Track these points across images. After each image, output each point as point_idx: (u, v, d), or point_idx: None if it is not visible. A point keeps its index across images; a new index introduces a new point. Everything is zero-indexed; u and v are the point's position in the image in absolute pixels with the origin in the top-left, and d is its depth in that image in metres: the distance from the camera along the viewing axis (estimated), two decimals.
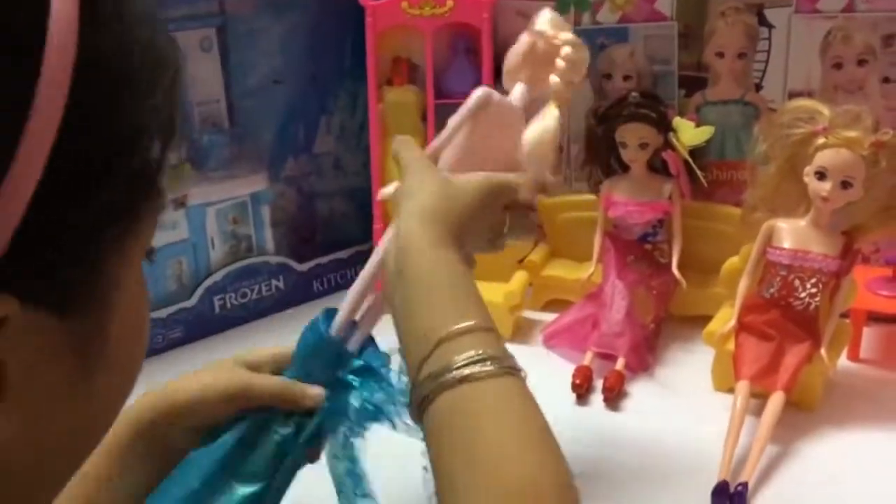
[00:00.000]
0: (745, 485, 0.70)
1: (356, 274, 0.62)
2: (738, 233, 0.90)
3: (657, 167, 0.97)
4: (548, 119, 0.64)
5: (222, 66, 1.01)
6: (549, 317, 1.02)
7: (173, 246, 0.99)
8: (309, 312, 0.63)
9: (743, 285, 0.84)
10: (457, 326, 0.48)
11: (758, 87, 0.99)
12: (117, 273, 0.34)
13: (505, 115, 0.64)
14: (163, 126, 0.34)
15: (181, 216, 0.98)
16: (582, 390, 0.86)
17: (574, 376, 0.86)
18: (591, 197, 1.02)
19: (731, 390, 0.85)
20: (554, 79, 0.64)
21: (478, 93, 0.63)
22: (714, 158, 1.02)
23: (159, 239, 0.96)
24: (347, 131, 1.15)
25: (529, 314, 1.03)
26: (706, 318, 0.95)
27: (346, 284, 0.66)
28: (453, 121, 0.64)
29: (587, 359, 0.89)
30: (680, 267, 0.95)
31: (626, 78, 1.04)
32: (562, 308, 1.02)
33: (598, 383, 0.87)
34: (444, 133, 0.64)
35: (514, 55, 0.66)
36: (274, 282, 1.08)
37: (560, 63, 0.64)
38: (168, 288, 0.99)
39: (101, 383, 0.35)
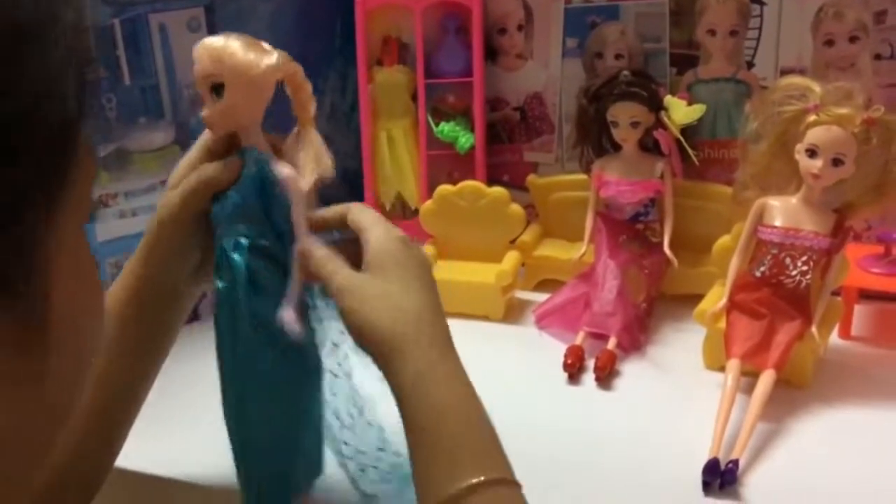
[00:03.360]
0: (735, 462, 0.70)
1: None
2: (730, 211, 0.90)
3: (649, 146, 0.96)
4: (321, 148, 0.63)
5: None
6: (541, 297, 1.01)
7: None
8: None
9: (734, 264, 0.84)
10: (483, 479, 0.49)
11: (749, 65, 0.99)
12: (50, 246, 0.32)
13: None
14: (75, 74, 0.32)
15: None
16: (573, 369, 0.86)
17: (566, 356, 0.86)
18: (583, 177, 1.01)
19: (722, 369, 0.84)
20: (302, 95, 0.63)
21: (297, 190, 0.61)
22: (706, 137, 1.01)
23: None
24: (338, 112, 1.14)
25: (522, 294, 1.03)
26: (698, 297, 0.94)
27: None
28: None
29: (579, 338, 0.89)
30: (672, 246, 0.95)
31: (617, 56, 1.03)
32: (554, 288, 1.01)
33: (591, 363, 0.87)
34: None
35: (217, 118, 0.60)
36: None
37: (300, 82, 0.62)
38: None
39: (51, 366, 0.33)
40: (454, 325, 0.99)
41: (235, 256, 0.58)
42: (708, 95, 1.00)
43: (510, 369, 0.90)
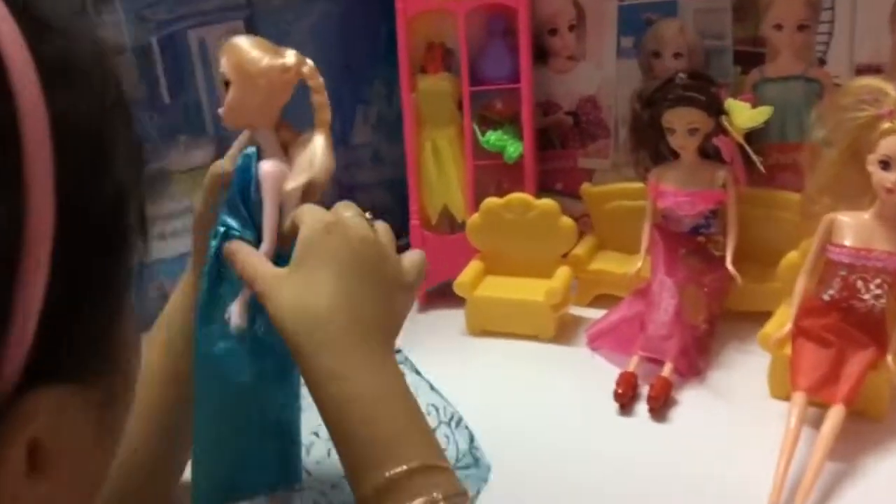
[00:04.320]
0: None
1: None
2: (799, 225, 0.83)
3: (709, 153, 0.89)
4: (325, 153, 0.58)
5: None
6: (596, 313, 0.96)
7: None
8: None
9: (800, 285, 0.77)
10: (407, 467, 0.46)
11: (821, 62, 0.91)
12: (123, 331, 0.34)
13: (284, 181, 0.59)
14: (136, 171, 0.34)
15: None
16: (625, 399, 0.80)
17: (617, 385, 0.81)
18: (640, 185, 0.95)
19: (789, 397, 0.78)
20: (316, 98, 0.58)
21: (272, 193, 0.58)
22: (774, 140, 0.94)
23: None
24: (385, 121, 1.10)
25: (576, 310, 0.98)
26: (765, 315, 0.88)
27: None
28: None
29: (632, 364, 0.83)
30: (737, 260, 0.88)
31: (676, 56, 0.96)
32: (611, 304, 0.96)
33: (645, 389, 0.82)
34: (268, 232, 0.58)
35: (237, 107, 0.58)
36: None
37: (313, 84, 0.58)
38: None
39: (115, 433, 0.36)
40: (501, 344, 0.96)
41: (212, 243, 0.58)
42: (776, 95, 0.92)
43: (558, 394, 0.85)
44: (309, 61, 0.59)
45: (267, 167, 0.58)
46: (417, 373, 0.65)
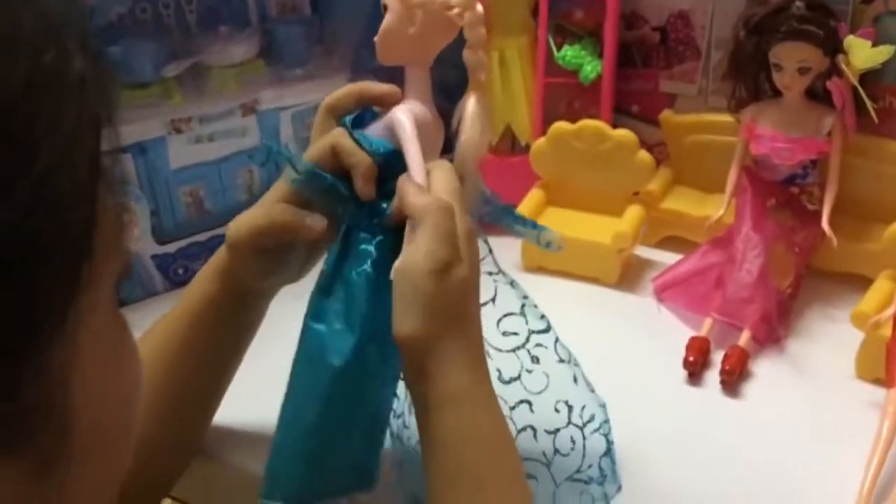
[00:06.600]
0: None
1: None
2: None
3: (818, 94, 0.78)
4: (473, 121, 0.54)
5: None
6: (665, 257, 0.88)
7: (243, 154, 0.88)
8: None
9: None
10: None
11: None
12: (67, 366, 0.27)
13: (423, 130, 0.54)
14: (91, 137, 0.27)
15: (252, 121, 0.87)
16: (695, 368, 0.73)
17: (687, 351, 0.73)
18: (730, 119, 0.84)
19: (878, 381, 0.71)
20: (468, 55, 0.53)
21: (407, 124, 0.53)
22: (889, 82, 0.82)
23: (227, 146, 0.87)
24: None
25: (642, 251, 0.89)
26: (857, 279, 0.79)
27: None
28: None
29: (705, 327, 0.76)
30: (832, 212, 0.79)
31: None
32: (682, 247, 0.87)
33: (716, 355, 0.74)
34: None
35: (394, 30, 0.53)
36: None
37: (470, 35, 0.53)
38: (238, 199, 0.88)
39: (72, 488, 0.29)
40: (559, 284, 0.88)
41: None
42: None
43: (617, 349, 0.77)
44: (479, 7, 0.52)
45: (399, 113, 0.54)
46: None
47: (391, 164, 0.53)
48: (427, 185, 0.51)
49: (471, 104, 0.54)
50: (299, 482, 0.53)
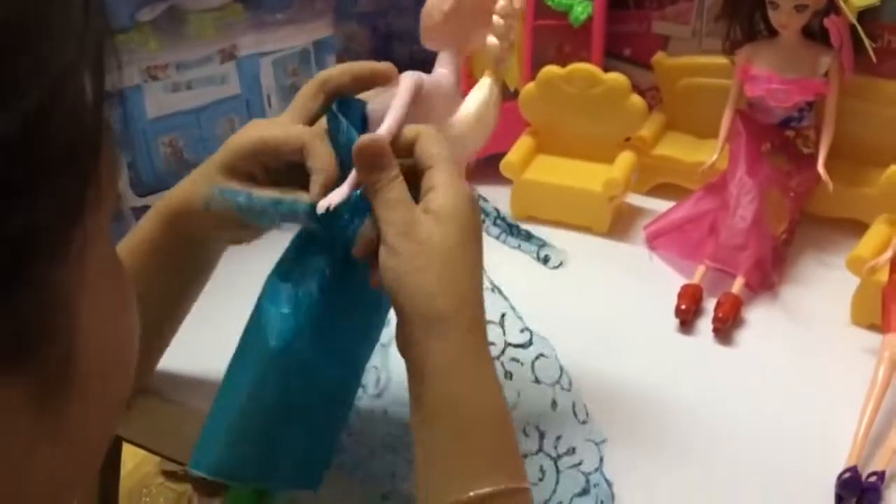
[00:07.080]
0: (881, 476, 0.57)
1: None
2: None
3: (814, 33, 0.76)
4: (480, 98, 0.54)
5: None
6: (656, 204, 0.86)
7: (223, 103, 0.85)
8: None
9: None
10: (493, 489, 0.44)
11: None
12: (74, 286, 0.27)
13: (435, 99, 0.53)
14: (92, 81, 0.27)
15: (231, 68, 0.84)
16: (687, 316, 0.71)
17: (679, 299, 0.72)
18: (725, 60, 0.82)
19: (873, 327, 0.69)
20: (492, 41, 0.53)
21: (406, 82, 0.51)
22: (888, 20, 0.80)
23: (206, 94, 0.84)
24: None
25: (634, 199, 0.88)
26: (853, 224, 0.78)
27: None
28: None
29: (697, 275, 0.74)
30: (829, 156, 0.77)
31: None
32: (674, 194, 0.85)
33: (709, 303, 0.73)
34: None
35: (435, 10, 0.53)
36: None
37: (497, 21, 0.53)
38: (218, 149, 0.86)
39: (73, 416, 0.29)
40: (549, 233, 0.86)
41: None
42: None
43: (608, 297, 0.76)
44: (517, 1, 0.53)
45: (404, 74, 0.52)
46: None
47: None
48: (389, 140, 0.49)
49: (482, 90, 0.54)
50: (226, 460, 0.51)
